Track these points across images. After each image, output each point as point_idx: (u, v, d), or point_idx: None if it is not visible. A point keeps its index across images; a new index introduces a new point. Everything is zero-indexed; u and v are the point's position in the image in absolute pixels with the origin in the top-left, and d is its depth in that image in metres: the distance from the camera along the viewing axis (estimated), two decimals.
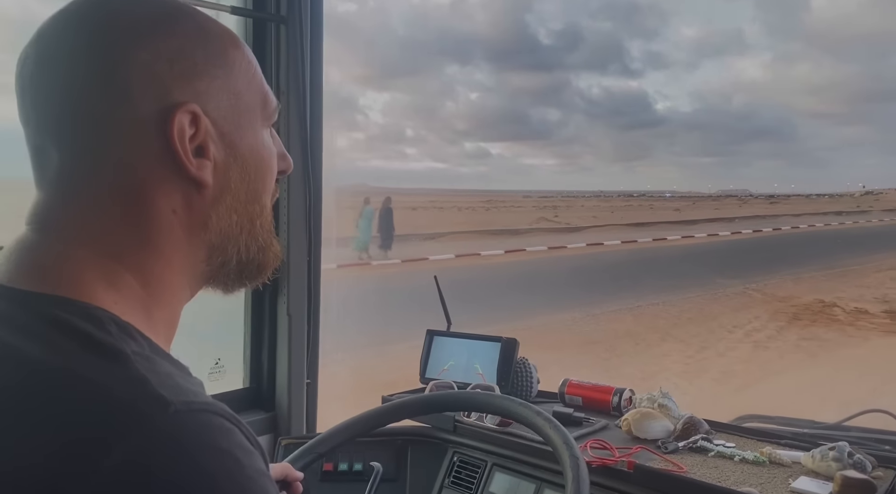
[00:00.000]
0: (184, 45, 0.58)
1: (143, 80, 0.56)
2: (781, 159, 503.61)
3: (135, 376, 0.49)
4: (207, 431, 0.49)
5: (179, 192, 0.58)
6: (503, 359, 1.71)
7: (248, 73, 0.63)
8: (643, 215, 43.75)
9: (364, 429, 1.22)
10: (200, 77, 0.58)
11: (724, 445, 1.35)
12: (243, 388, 1.79)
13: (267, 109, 0.65)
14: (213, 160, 0.59)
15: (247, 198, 0.63)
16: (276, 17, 1.65)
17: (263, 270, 0.68)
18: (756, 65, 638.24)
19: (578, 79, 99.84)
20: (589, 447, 1.33)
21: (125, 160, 0.57)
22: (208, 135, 0.59)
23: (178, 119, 0.56)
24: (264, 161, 0.65)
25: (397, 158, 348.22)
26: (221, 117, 0.60)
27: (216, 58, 0.60)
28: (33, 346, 0.50)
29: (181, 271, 0.61)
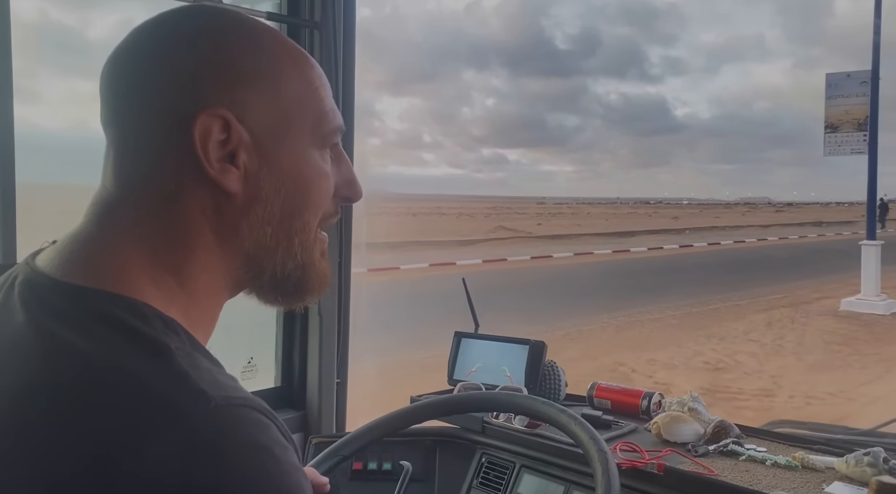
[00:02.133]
0: (233, 54, 0.60)
1: (182, 81, 0.58)
2: (803, 167, 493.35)
3: (177, 370, 0.51)
4: (246, 426, 0.50)
5: (209, 195, 0.60)
6: (531, 362, 1.72)
7: (303, 92, 0.63)
8: (642, 223, 42.50)
9: (391, 430, 1.23)
10: (243, 87, 0.59)
11: (756, 449, 1.34)
12: (275, 387, 1.82)
13: (320, 130, 0.65)
14: (243, 168, 0.60)
15: (283, 212, 0.63)
16: (311, 22, 1.68)
17: (303, 290, 0.67)
18: (777, 71, 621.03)
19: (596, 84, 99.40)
20: (618, 449, 1.33)
21: (159, 158, 0.59)
22: (241, 144, 0.59)
23: (203, 121, 0.57)
24: (306, 178, 0.64)
25: (415, 164, 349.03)
26: (261, 129, 0.60)
27: (266, 71, 0.61)
28: (83, 340, 0.51)
29: (216, 274, 0.62)
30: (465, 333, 1.85)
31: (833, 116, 11.44)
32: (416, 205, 45.78)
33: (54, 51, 1.68)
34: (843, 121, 11.32)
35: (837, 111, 11.40)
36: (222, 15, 0.63)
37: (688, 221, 45.28)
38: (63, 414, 0.48)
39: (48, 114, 1.64)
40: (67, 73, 1.62)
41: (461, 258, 17.64)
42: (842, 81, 11.49)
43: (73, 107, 1.68)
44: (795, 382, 6.80)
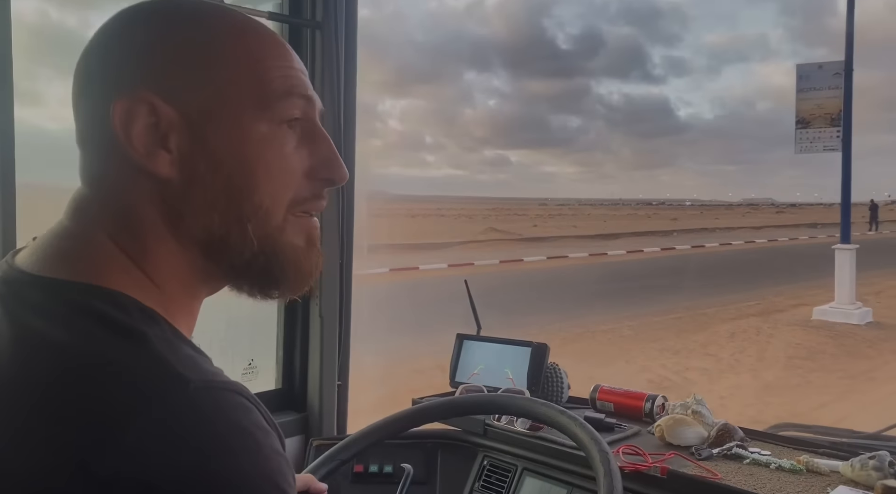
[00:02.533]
0: (162, 35, 0.59)
1: (106, 69, 0.58)
2: (806, 168, 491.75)
3: (156, 356, 0.51)
4: (226, 408, 0.50)
5: (151, 184, 0.58)
6: (533, 364, 1.71)
7: (238, 66, 0.60)
8: (641, 224, 41.79)
9: (392, 432, 1.23)
10: (170, 67, 0.58)
11: (760, 453, 1.32)
12: (276, 389, 1.81)
13: (266, 103, 0.60)
14: (175, 151, 0.58)
15: (227, 195, 0.59)
16: (312, 22, 1.68)
17: (274, 279, 0.63)
18: (780, 71, 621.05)
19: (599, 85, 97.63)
20: (621, 452, 1.32)
21: (102, 150, 0.59)
22: (171, 126, 0.57)
23: (122, 106, 0.56)
24: (251, 157, 0.59)
25: (417, 166, 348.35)
26: (193, 108, 0.58)
27: (196, 49, 0.59)
28: (60, 331, 0.52)
29: (179, 265, 0.60)
30: (467, 335, 1.84)
31: (804, 111, 10.45)
32: (416, 206, 45.18)
33: (54, 52, 1.67)
34: (815, 116, 10.37)
35: (809, 105, 10.43)
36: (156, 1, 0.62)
37: (686, 222, 44.58)
38: (44, 405, 0.48)
39: (47, 115, 1.64)
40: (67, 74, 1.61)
41: (432, 262, 16.84)
42: (813, 73, 10.51)
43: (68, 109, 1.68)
44: (744, 404, 6.01)
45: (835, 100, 10.29)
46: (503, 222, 41.32)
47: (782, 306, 11.17)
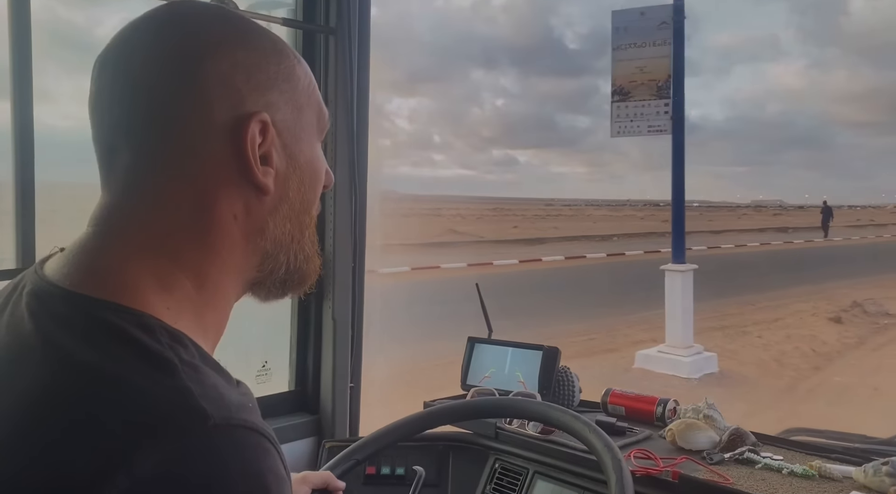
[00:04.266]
0: (259, 59, 0.61)
1: (221, 88, 0.58)
2: (817, 169, 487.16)
3: (179, 386, 0.50)
4: (242, 450, 0.49)
5: (241, 199, 0.60)
6: (544, 368, 1.71)
7: (308, 89, 0.66)
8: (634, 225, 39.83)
9: (405, 435, 1.23)
10: (271, 90, 0.61)
11: (772, 458, 1.32)
12: (289, 391, 1.82)
13: (321, 124, 0.68)
14: (275, 168, 0.62)
15: (300, 208, 0.65)
16: (326, 28, 1.69)
17: (305, 281, 0.69)
18: (790, 72, 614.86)
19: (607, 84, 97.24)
20: (633, 456, 1.32)
21: (196, 163, 0.59)
22: (273, 145, 0.61)
23: (251, 127, 0.59)
24: (317, 173, 0.67)
25: (426, 165, 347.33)
26: (286, 129, 0.63)
27: (285, 73, 0.63)
28: (89, 352, 0.51)
29: (234, 275, 0.63)
30: (479, 338, 1.85)
31: (623, 77, 7.26)
32: (417, 205, 43.97)
33: (64, 48, 1.69)
34: (636, 85, 7.20)
35: (628, 69, 7.25)
36: (234, 17, 0.63)
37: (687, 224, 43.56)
38: (66, 424, 0.48)
39: (58, 112, 1.65)
40: (76, 70, 1.64)
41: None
42: (633, 23, 7.29)
43: (81, 106, 1.70)
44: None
45: (662, 62, 7.15)
46: (498, 222, 40.19)
47: (625, 341, 8.64)
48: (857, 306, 10.75)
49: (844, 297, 11.48)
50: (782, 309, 10.90)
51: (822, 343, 8.63)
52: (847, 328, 9.61)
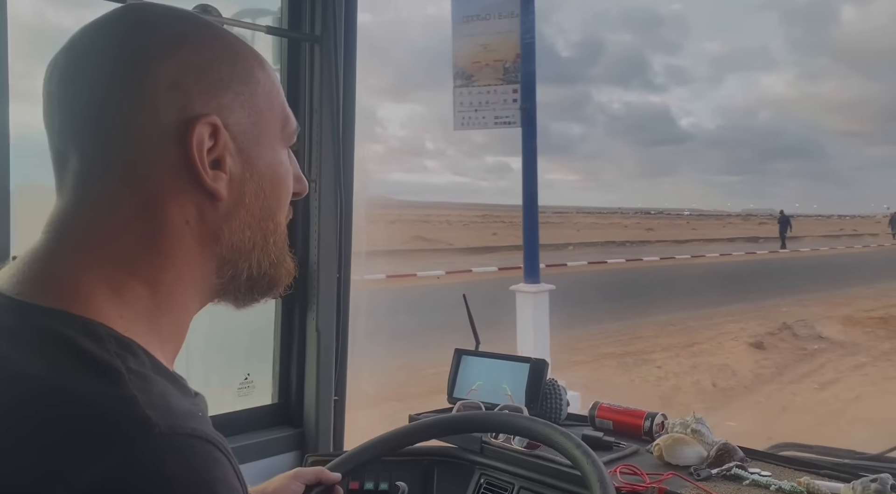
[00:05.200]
0: (211, 60, 0.60)
1: (168, 91, 0.57)
2: (808, 178, 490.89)
3: (124, 395, 0.49)
4: (189, 459, 0.48)
5: (194, 203, 0.59)
6: (532, 380, 1.69)
7: (270, 94, 0.64)
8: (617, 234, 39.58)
9: (390, 448, 1.21)
10: (224, 92, 0.60)
11: (760, 473, 1.30)
12: (272, 404, 1.80)
13: (287, 130, 0.66)
14: (228, 173, 0.60)
15: (261, 214, 0.64)
16: (311, 37, 1.68)
17: (275, 286, 0.68)
18: (782, 81, 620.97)
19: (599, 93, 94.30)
20: (619, 472, 1.30)
21: (143, 167, 0.57)
22: (226, 149, 0.59)
23: (199, 130, 0.57)
24: (281, 179, 0.65)
25: (418, 171, 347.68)
26: (241, 133, 0.61)
27: (241, 75, 0.61)
28: (30, 361, 0.50)
29: (191, 283, 0.61)
30: (466, 350, 1.83)
31: (464, 57, 5.88)
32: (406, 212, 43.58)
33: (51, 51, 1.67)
34: (480, 66, 5.82)
35: (471, 47, 5.84)
36: (187, 17, 0.62)
37: (661, 233, 42.38)
38: (6, 438, 0.47)
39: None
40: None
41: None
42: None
43: None
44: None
45: (509, 39, 5.75)
46: (486, 228, 39.56)
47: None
48: (787, 328, 9.64)
49: (784, 316, 10.62)
50: (707, 330, 9.99)
51: (731, 374, 7.66)
52: (768, 354, 8.60)
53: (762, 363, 8.19)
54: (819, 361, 8.41)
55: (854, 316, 11.13)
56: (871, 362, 8.31)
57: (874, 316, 11.00)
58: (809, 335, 9.50)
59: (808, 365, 8.24)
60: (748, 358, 8.37)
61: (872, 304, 12.44)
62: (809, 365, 8.20)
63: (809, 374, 7.77)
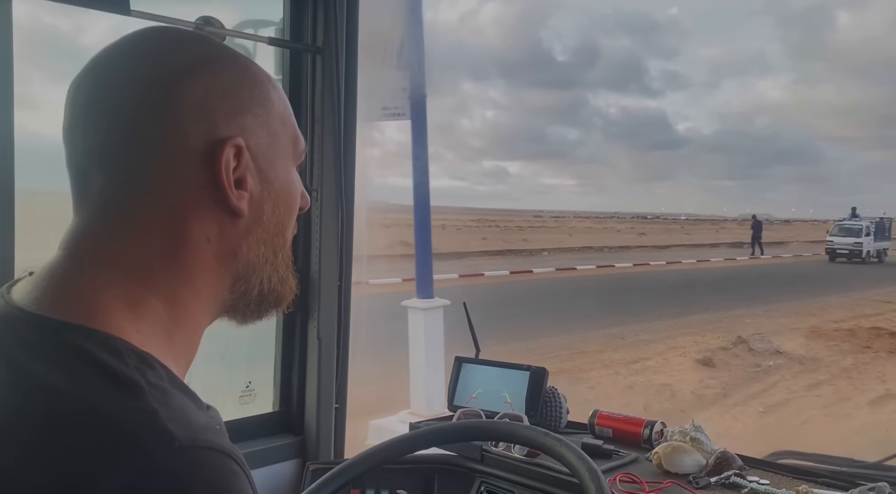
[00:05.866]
0: (233, 83, 0.62)
1: (195, 113, 0.59)
2: (804, 183, 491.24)
3: (145, 408, 0.50)
4: (208, 471, 0.49)
5: (215, 221, 0.61)
6: (532, 388, 1.70)
7: (283, 115, 0.66)
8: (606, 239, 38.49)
9: (391, 456, 1.22)
10: (245, 114, 0.62)
11: (759, 482, 1.31)
12: (273, 412, 1.80)
13: (297, 149, 0.69)
14: (250, 192, 0.62)
15: (275, 230, 0.66)
16: (313, 47, 1.69)
17: (280, 302, 0.70)
18: (778, 86, 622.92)
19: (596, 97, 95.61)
20: (618, 480, 1.31)
21: (169, 187, 0.59)
22: (248, 169, 0.62)
23: (227, 152, 0.60)
24: (292, 196, 0.68)
25: None
26: (260, 153, 0.63)
27: (259, 98, 0.64)
28: (55, 375, 0.51)
29: (206, 298, 0.63)
30: (466, 358, 1.83)
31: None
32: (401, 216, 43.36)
33: (49, 55, 1.68)
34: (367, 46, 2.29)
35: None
36: (207, 42, 0.64)
37: (653, 238, 41.46)
38: (29, 448, 0.48)
39: (43, 120, 1.64)
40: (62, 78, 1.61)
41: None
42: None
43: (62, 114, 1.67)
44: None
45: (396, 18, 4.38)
46: (479, 233, 39.15)
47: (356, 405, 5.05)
48: (742, 342, 9.08)
49: (748, 328, 10.15)
50: (658, 344, 9.38)
51: (669, 396, 7.18)
52: (716, 372, 8.01)
53: (707, 382, 7.66)
54: (772, 379, 7.90)
55: (821, 327, 10.68)
56: (828, 380, 7.86)
57: (842, 329, 10.59)
58: (766, 350, 8.93)
59: (759, 384, 7.72)
60: (693, 376, 7.82)
61: (844, 315, 11.99)
62: (760, 385, 7.67)
63: (758, 395, 7.31)
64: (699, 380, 7.70)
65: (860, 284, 17.34)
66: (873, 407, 6.79)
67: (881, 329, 10.41)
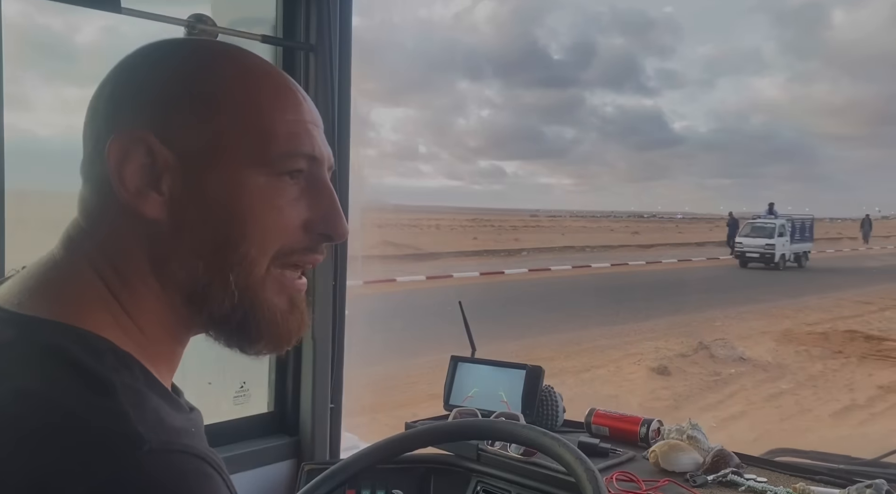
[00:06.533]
0: (163, 76, 0.59)
1: (113, 104, 0.59)
2: (801, 181, 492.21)
3: (116, 410, 0.49)
4: (179, 476, 0.48)
5: (141, 224, 0.58)
6: (528, 387, 1.69)
7: (244, 114, 0.59)
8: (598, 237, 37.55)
9: (386, 456, 1.21)
10: (171, 109, 0.58)
11: (756, 480, 1.31)
12: (267, 412, 1.79)
13: (266, 154, 0.59)
14: (166, 194, 0.57)
15: (214, 243, 0.58)
16: (306, 45, 1.68)
17: (251, 335, 0.61)
18: (773, 84, 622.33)
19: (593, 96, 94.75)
20: (615, 479, 1.30)
21: (99, 185, 0.59)
22: (167, 168, 0.57)
23: (117, 143, 0.56)
24: (242, 207, 0.58)
25: (412, 175, 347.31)
26: (190, 153, 0.57)
27: (201, 93, 0.58)
28: (24, 373, 0.51)
29: (162, 309, 0.60)
30: (462, 357, 1.83)
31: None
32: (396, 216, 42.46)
33: (41, 55, 1.66)
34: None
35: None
36: (172, 43, 0.63)
37: (646, 237, 40.29)
38: (2, 453, 0.47)
39: (36, 120, 1.62)
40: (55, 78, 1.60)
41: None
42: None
43: (61, 114, 1.66)
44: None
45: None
46: (471, 233, 38.42)
47: None
48: (704, 348, 8.58)
49: (716, 332, 9.61)
50: (615, 350, 8.80)
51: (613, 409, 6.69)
52: (671, 382, 7.45)
53: (659, 393, 7.15)
54: (730, 389, 7.33)
55: (794, 330, 10.21)
56: (791, 389, 7.35)
57: (816, 332, 10.10)
58: (728, 356, 8.40)
59: (716, 394, 7.16)
60: (645, 386, 7.31)
61: (820, 316, 11.48)
62: (717, 395, 7.14)
63: (713, 407, 6.81)
64: (650, 391, 7.24)
65: (846, 283, 16.77)
66: (835, 420, 6.37)
67: (856, 332, 10.02)
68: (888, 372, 7.95)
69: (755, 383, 7.47)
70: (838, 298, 13.88)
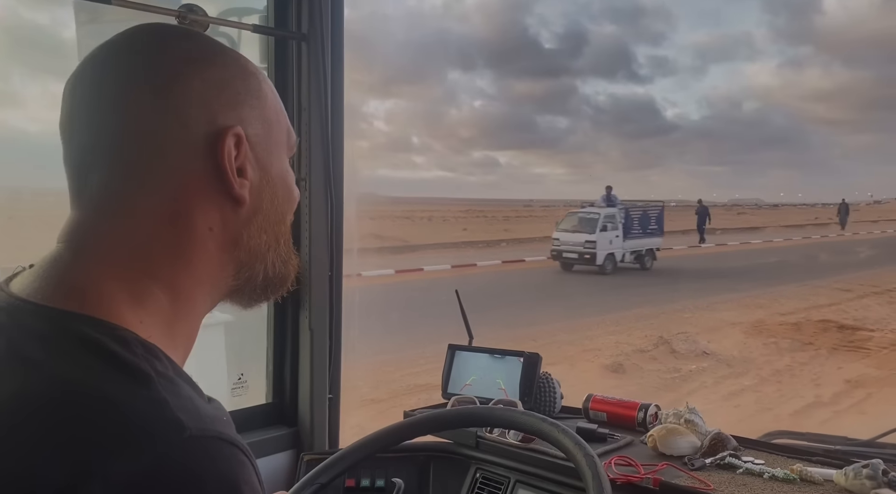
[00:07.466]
0: (228, 76, 0.63)
1: (194, 105, 0.60)
2: (794, 167, 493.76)
3: (155, 398, 0.51)
4: (216, 460, 0.51)
5: (217, 211, 0.62)
6: (525, 374, 1.70)
7: (276, 107, 0.68)
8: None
9: (385, 445, 1.21)
10: (242, 105, 0.64)
11: (753, 462, 1.32)
12: (266, 403, 1.79)
13: (290, 140, 0.71)
14: (250, 181, 0.64)
15: (275, 218, 0.68)
16: (298, 34, 1.67)
17: (285, 283, 0.72)
18: (765, 70, 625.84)
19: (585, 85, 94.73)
20: (613, 463, 1.31)
21: (171, 178, 0.60)
22: (247, 158, 0.63)
23: (228, 141, 0.61)
24: (289, 185, 0.70)
25: (405, 167, 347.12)
26: (258, 143, 0.65)
27: (253, 90, 0.65)
28: (63, 364, 0.52)
29: (208, 286, 0.64)
30: (459, 346, 1.83)
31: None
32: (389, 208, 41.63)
33: (27, 50, 1.65)
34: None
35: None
36: (199, 37, 0.66)
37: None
38: (40, 436, 0.49)
39: (23, 116, 1.62)
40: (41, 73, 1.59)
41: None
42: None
43: (47, 110, 1.65)
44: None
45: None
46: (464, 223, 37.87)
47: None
48: (665, 343, 8.05)
49: (683, 324, 9.10)
50: (572, 346, 8.18)
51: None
52: (626, 380, 6.91)
53: (612, 393, 6.83)
54: (689, 387, 6.79)
55: (765, 321, 9.66)
56: (754, 386, 6.89)
57: (788, 322, 9.58)
58: (690, 351, 7.86)
59: (672, 393, 6.55)
60: (596, 386, 6.33)
61: (795, 306, 10.87)
62: (673, 394, 6.51)
63: (670, 405, 6.48)
64: (605, 389, 6.90)
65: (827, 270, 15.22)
66: (795, 419, 5.91)
67: (829, 321, 9.48)
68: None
69: (716, 379, 7.12)
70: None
